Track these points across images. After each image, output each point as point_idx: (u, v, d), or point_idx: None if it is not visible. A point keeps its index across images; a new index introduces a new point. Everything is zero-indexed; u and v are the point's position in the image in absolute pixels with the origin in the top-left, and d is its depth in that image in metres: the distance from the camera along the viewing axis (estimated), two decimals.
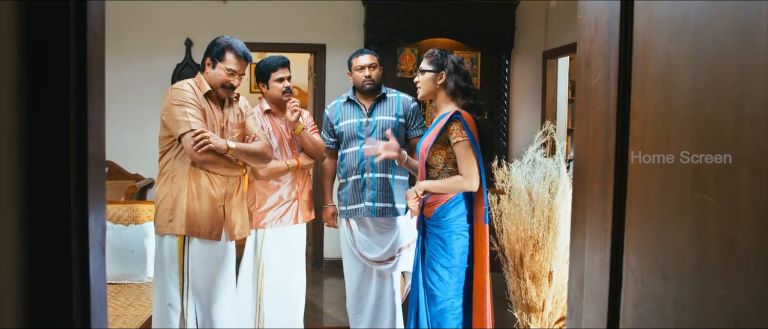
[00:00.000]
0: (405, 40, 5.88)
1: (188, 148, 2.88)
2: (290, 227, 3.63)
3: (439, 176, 3.03)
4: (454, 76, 3.03)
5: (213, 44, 3.07)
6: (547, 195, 2.18)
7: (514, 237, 2.30)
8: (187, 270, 3.04)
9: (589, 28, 1.08)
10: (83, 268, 0.94)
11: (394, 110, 3.69)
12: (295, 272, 3.66)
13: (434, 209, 3.00)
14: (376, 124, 3.66)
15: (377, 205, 3.63)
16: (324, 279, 6.00)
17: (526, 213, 2.28)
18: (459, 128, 2.93)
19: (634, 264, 0.89)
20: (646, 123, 0.85)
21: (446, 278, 2.94)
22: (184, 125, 2.89)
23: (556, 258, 2.17)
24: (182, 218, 2.97)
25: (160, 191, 3.03)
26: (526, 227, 2.23)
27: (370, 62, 3.66)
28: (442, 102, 3.08)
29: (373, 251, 3.68)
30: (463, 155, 2.91)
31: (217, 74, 3.04)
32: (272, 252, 3.59)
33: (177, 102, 2.91)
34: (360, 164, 3.66)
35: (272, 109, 3.61)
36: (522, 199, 2.33)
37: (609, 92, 0.98)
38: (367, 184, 3.64)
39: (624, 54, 0.94)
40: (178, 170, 2.99)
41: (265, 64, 3.56)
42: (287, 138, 3.62)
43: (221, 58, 3.03)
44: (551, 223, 2.12)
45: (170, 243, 3.01)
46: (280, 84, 3.55)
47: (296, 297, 3.68)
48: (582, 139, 1.12)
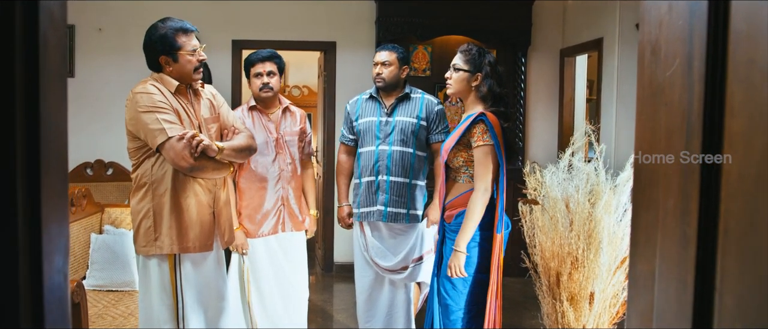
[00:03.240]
0: (418, 37, 5.71)
1: (173, 156, 2.55)
2: (274, 237, 3.45)
3: (460, 179, 2.87)
4: (489, 80, 2.84)
5: (158, 39, 2.65)
6: (587, 206, 1.96)
7: (549, 253, 2.06)
8: (181, 291, 2.74)
9: (658, 8, 0.89)
10: (35, 269, 0.82)
11: (416, 111, 3.49)
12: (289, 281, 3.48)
13: (455, 214, 2.83)
14: (395, 125, 3.48)
15: (390, 209, 3.44)
16: (334, 283, 5.82)
17: (562, 226, 2.04)
18: (482, 130, 2.73)
19: (732, 306, 0.69)
20: (753, 123, 0.66)
21: (460, 287, 2.77)
22: (160, 133, 2.54)
23: (598, 278, 1.94)
24: (171, 235, 2.67)
25: (139, 207, 2.69)
26: (563, 243, 2.00)
27: (385, 59, 3.48)
28: (471, 103, 2.89)
29: (385, 258, 3.50)
30: (481, 161, 2.72)
31: (184, 65, 2.69)
32: (257, 259, 3.41)
33: (145, 109, 2.56)
34: (375, 165, 3.47)
35: (258, 106, 3.44)
36: (558, 210, 2.08)
37: (691, 84, 0.78)
38: (381, 187, 3.45)
39: (714, 37, 0.74)
40: (158, 181, 2.66)
41: (247, 59, 3.45)
42: (273, 137, 3.43)
43: (176, 46, 2.66)
44: (593, 238, 1.89)
45: (158, 264, 2.71)
46: (258, 79, 3.38)
47: (293, 306, 3.50)
48: (647, 143, 0.92)
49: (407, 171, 3.44)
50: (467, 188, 2.82)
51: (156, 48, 2.66)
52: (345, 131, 3.66)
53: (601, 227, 1.84)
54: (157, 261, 2.71)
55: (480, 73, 2.84)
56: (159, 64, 2.70)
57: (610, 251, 1.86)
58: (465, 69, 2.87)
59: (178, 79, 2.70)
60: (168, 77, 2.70)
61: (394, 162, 3.43)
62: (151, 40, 2.67)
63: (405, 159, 3.42)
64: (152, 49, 2.68)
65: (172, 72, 2.70)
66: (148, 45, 2.68)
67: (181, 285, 2.74)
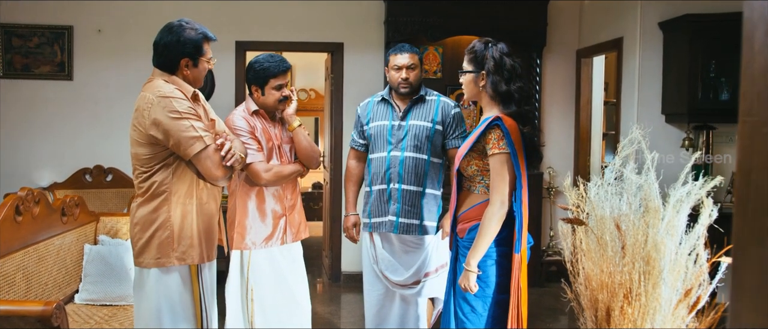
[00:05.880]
0: (429, 38, 5.49)
1: (209, 166, 2.49)
2: (278, 247, 3.21)
3: (475, 189, 2.61)
4: (492, 77, 2.54)
5: (187, 41, 2.53)
6: (642, 226, 1.70)
7: (595, 283, 1.77)
8: (204, 302, 2.66)
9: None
10: None
11: (431, 114, 3.26)
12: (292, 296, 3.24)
13: (468, 227, 2.57)
14: (408, 129, 3.25)
15: (402, 220, 3.22)
16: (342, 294, 5.59)
17: (612, 251, 1.76)
18: (497, 137, 2.47)
19: None
20: None
21: (480, 309, 2.52)
22: (197, 141, 2.44)
23: (658, 314, 1.67)
24: (196, 244, 2.58)
25: (153, 217, 2.53)
26: (613, 271, 1.73)
27: (410, 62, 3.24)
28: (486, 106, 2.62)
29: (396, 272, 3.27)
30: (497, 171, 2.46)
31: (201, 71, 2.62)
32: (261, 275, 3.16)
33: (178, 115, 2.43)
34: (386, 172, 3.25)
35: (261, 111, 3.19)
36: (607, 231, 1.81)
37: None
38: (392, 195, 3.23)
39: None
40: (178, 190, 2.55)
41: (264, 68, 3.10)
42: (277, 142, 3.20)
43: (201, 52, 2.57)
44: (652, 266, 1.63)
45: (180, 275, 2.59)
46: (278, 92, 3.13)
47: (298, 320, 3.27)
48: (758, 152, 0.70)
49: (421, 179, 3.21)
50: (482, 199, 2.57)
51: (180, 49, 2.53)
52: (355, 135, 3.44)
53: (662, 253, 1.58)
54: (178, 271, 2.59)
55: (483, 71, 2.58)
56: (176, 66, 2.55)
57: (671, 281, 1.60)
58: (470, 70, 2.62)
59: (190, 83, 2.60)
60: (183, 82, 2.57)
61: (407, 169, 3.20)
62: (179, 40, 2.52)
63: (418, 166, 3.19)
64: (176, 50, 2.53)
65: (187, 76, 2.58)
66: (173, 45, 2.52)
67: (203, 295, 2.66)
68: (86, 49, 5.55)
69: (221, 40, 5.78)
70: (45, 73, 5.51)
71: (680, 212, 1.65)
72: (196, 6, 5.48)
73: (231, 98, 5.59)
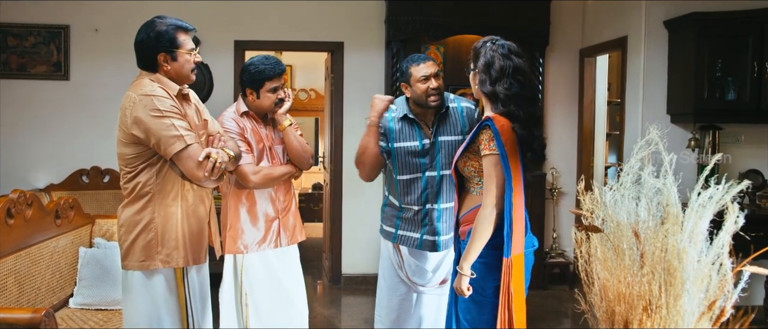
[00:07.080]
0: (430, 37, 5.43)
1: (191, 166, 2.43)
2: (272, 250, 3.13)
3: (473, 190, 2.55)
4: (481, 75, 2.45)
5: (158, 35, 2.48)
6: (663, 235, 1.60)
7: (612, 294, 1.68)
8: (190, 305, 2.61)
9: None
10: None
11: (459, 126, 3.09)
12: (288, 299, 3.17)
13: (468, 229, 2.49)
14: (440, 147, 3.07)
15: (442, 238, 3.09)
16: (342, 297, 5.52)
17: (630, 260, 1.67)
18: (488, 138, 2.38)
19: None
20: None
21: (479, 311, 2.46)
22: (177, 140, 2.40)
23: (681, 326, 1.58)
24: (181, 247, 2.54)
25: (137, 218, 2.49)
26: (631, 281, 1.64)
27: (435, 70, 3.05)
28: (485, 105, 2.54)
29: (424, 276, 3.18)
30: (488, 172, 2.38)
31: (183, 64, 2.53)
32: (255, 279, 3.09)
33: (159, 113, 2.39)
34: (423, 193, 3.08)
35: (251, 112, 3.12)
36: (624, 239, 1.71)
37: None
38: (429, 215, 3.08)
39: None
40: (162, 190, 2.50)
41: (259, 71, 3.02)
42: (268, 144, 3.12)
43: (176, 44, 2.50)
44: (673, 277, 1.54)
45: (165, 278, 2.54)
46: (274, 94, 3.05)
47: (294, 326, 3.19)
48: None
49: (450, 193, 3.08)
50: (480, 201, 2.49)
51: (154, 45, 2.49)
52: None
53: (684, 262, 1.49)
54: (163, 273, 2.54)
55: (475, 69, 2.50)
56: (155, 63, 2.51)
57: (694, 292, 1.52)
58: (470, 68, 2.55)
59: (175, 79, 2.54)
60: (167, 79, 2.52)
61: (444, 188, 3.08)
62: (149, 36, 2.50)
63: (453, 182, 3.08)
64: (150, 47, 2.49)
65: (169, 71, 2.53)
66: (145, 42, 2.50)
67: (189, 298, 2.61)
68: (83, 48, 5.48)
69: (220, 39, 5.74)
70: (41, 73, 5.44)
71: (702, 218, 1.56)
72: (194, 5, 5.41)
73: (230, 97, 5.51)
